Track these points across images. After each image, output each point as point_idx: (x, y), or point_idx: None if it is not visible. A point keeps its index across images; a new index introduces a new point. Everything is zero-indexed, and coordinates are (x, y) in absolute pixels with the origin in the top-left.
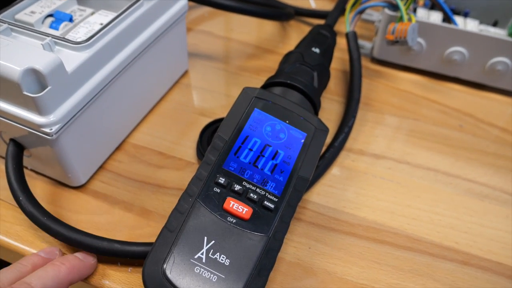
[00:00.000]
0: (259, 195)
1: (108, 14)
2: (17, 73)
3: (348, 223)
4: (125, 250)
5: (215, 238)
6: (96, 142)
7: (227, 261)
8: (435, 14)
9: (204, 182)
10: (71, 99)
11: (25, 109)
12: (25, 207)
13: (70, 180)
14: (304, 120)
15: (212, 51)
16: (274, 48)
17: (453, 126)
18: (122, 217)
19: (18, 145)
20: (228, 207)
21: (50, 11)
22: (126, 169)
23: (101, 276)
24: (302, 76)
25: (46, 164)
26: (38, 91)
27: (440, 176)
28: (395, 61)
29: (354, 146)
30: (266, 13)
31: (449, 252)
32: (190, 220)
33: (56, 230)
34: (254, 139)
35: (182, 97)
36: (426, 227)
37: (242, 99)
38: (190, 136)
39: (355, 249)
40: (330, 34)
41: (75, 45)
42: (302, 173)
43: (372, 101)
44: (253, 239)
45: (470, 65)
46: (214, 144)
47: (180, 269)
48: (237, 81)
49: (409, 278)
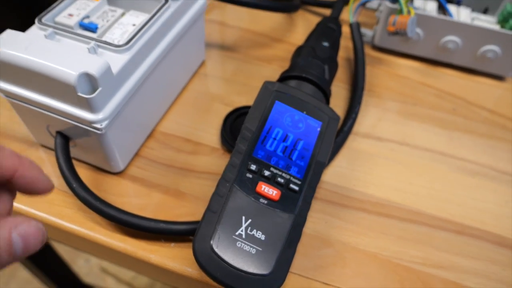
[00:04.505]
0: (285, 179)
1: (138, 14)
2: (73, 77)
3: (358, 199)
4: (169, 228)
5: (251, 217)
6: (133, 132)
7: (263, 236)
8: (431, 3)
9: (237, 169)
10: (116, 97)
11: (77, 107)
12: (79, 193)
13: (111, 167)
14: (319, 110)
15: (224, 40)
16: (282, 37)
17: (447, 109)
18: (159, 199)
19: (65, 137)
20: (260, 190)
21: (86, 13)
22: (158, 155)
23: (148, 251)
24: (315, 69)
25: (90, 153)
26: (90, 92)
27: (437, 156)
28: (394, 48)
29: (360, 130)
30: (277, 7)
31: (445, 223)
32: (229, 202)
33: (108, 213)
34: (277, 129)
35: (201, 86)
36: (425, 202)
37: (264, 92)
38: (212, 123)
39: (365, 222)
40: (337, 26)
41: (116, 48)
42: (320, 158)
43: (374, 87)
44: (282, 217)
45: (463, 52)
46: (243, 134)
47: (224, 244)
48: (251, 69)
49: (412, 246)
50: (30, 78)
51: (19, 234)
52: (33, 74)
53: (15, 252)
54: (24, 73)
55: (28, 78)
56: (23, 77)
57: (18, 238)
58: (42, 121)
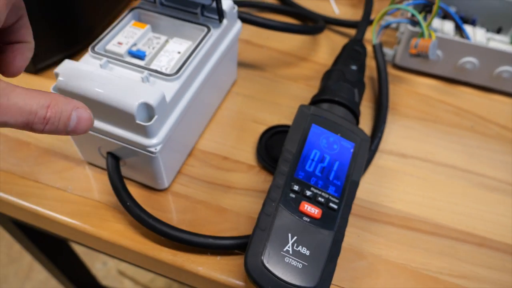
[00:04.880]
0: (324, 198)
1: (182, 42)
2: (134, 107)
3: (386, 214)
4: (217, 243)
5: (296, 234)
6: (178, 151)
7: (307, 252)
8: (448, 23)
9: (281, 189)
10: (168, 122)
11: (134, 133)
12: (133, 211)
13: (158, 184)
14: (351, 132)
15: (252, 59)
16: (307, 55)
17: (465, 126)
18: (203, 214)
19: (116, 157)
20: (303, 209)
21: (134, 41)
22: (199, 172)
23: (196, 264)
24: (346, 93)
25: (138, 172)
26: (147, 119)
27: (457, 172)
28: (414, 67)
29: (385, 147)
30: (305, 30)
31: (468, 236)
32: (276, 220)
33: (161, 229)
34: (315, 150)
35: (234, 105)
36: (448, 216)
37: (300, 115)
38: (247, 141)
39: (394, 236)
40: (362, 49)
41: (167, 77)
42: (354, 177)
43: (396, 105)
44: (324, 233)
45: (479, 72)
46: (284, 156)
47: (274, 260)
48: (280, 88)
49: (438, 258)
50: (89, 106)
51: (77, 115)
52: (94, 102)
53: (68, 126)
54: (84, 101)
55: (87, 106)
56: None
57: (75, 117)
58: (95, 143)
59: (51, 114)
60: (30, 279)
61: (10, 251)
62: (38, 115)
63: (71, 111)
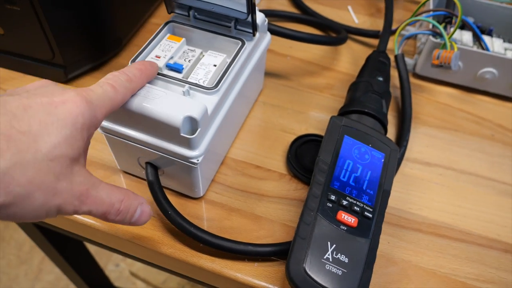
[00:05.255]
0: (359, 207)
1: (216, 55)
2: (179, 120)
3: (415, 221)
4: (256, 250)
5: (335, 242)
6: (214, 161)
7: (346, 259)
8: (466, 34)
9: (319, 199)
10: (208, 134)
11: (178, 145)
12: (174, 220)
13: (194, 193)
14: (381, 142)
15: (277, 69)
16: (329, 65)
17: (486, 135)
18: (239, 222)
19: (154, 167)
20: (340, 218)
21: (171, 54)
22: (232, 181)
23: (234, 270)
24: (374, 104)
25: (176, 181)
26: (190, 131)
27: (480, 180)
28: (434, 77)
29: (410, 156)
30: (329, 41)
31: (493, 242)
32: (315, 229)
33: (203, 237)
34: (348, 161)
35: (262, 114)
36: (473, 223)
37: (332, 127)
38: (276, 150)
39: (423, 242)
40: (387, 60)
41: (207, 90)
42: (386, 186)
43: (418, 114)
44: (360, 241)
45: (498, 81)
46: (320, 167)
47: (315, 267)
48: (305, 98)
49: (466, 263)
50: (134, 119)
51: (141, 209)
52: (140, 116)
53: (132, 218)
54: (128, 114)
55: (132, 119)
56: (127, 118)
57: (140, 211)
58: (135, 153)
59: (123, 207)
60: (40, 280)
61: (20, 252)
62: (114, 208)
63: (137, 205)
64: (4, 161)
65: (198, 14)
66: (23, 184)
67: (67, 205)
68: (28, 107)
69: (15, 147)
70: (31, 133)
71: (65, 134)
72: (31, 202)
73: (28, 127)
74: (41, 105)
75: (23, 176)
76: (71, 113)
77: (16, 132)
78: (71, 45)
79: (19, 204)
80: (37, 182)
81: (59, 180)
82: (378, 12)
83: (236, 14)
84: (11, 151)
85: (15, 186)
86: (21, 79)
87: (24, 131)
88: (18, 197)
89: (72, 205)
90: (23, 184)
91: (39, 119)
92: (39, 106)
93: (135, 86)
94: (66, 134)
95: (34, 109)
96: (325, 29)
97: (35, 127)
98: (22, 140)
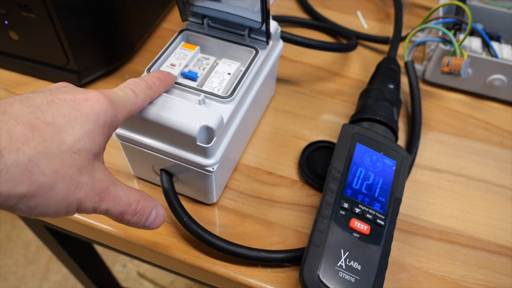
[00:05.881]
0: (372, 214)
1: (230, 63)
2: (195, 129)
3: (425, 228)
4: (270, 257)
5: (348, 250)
6: (227, 168)
7: (359, 267)
8: (475, 40)
9: (332, 206)
10: (223, 142)
11: (193, 153)
12: (190, 227)
13: (208, 199)
14: (393, 150)
15: (288, 74)
16: (339, 70)
17: (495, 141)
18: (251, 228)
19: (169, 174)
20: (353, 226)
21: (186, 63)
22: (245, 187)
23: (248, 276)
24: (385, 111)
25: (190, 187)
26: (206, 140)
27: (490, 186)
28: (444, 83)
29: (420, 162)
30: (341, 48)
31: (503, 249)
32: (329, 237)
33: (217, 244)
34: (360, 168)
35: (274, 121)
36: (483, 229)
37: (345, 135)
38: (288, 156)
39: (433, 249)
40: (397, 67)
41: (223, 99)
42: (397, 194)
43: (428, 120)
44: (373, 248)
45: (508, 88)
46: (332, 174)
47: (329, 274)
48: (316, 104)
49: (475, 270)
50: (151, 128)
51: (156, 212)
52: (156, 125)
53: (148, 220)
54: (145, 123)
55: (149, 128)
56: (144, 127)
57: (154, 213)
58: (150, 161)
59: (140, 208)
60: (47, 279)
61: (27, 252)
62: (132, 208)
63: (153, 207)
64: (29, 149)
65: (212, 22)
66: (48, 173)
67: (87, 201)
68: (52, 102)
69: (39, 137)
70: (56, 125)
71: (88, 128)
72: (54, 194)
73: (52, 119)
74: (65, 101)
75: (47, 166)
76: (94, 109)
77: (41, 123)
78: (85, 51)
79: (42, 195)
80: (61, 173)
81: (82, 173)
82: (387, 17)
83: (250, 23)
84: (36, 140)
85: (39, 175)
86: (35, 84)
87: (49, 122)
88: (42, 187)
89: (93, 201)
90: (48, 173)
91: (63, 112)
92: (63, 101)
93: (153, 94)
94: (89, 128)
95: (58, 104)
96: (335, 35)
97: (59, 119)
98: (47, 131)
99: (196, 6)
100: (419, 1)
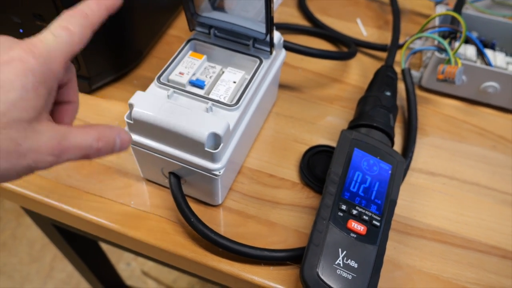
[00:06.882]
0: (368, 216)
1: (236, 71)
2: (204, 136)
3: (419, 228)
4: (272, 255)
5: (345, 249)
6: (232, 171)
7: (356, 265)
8: (470, 48)
9: (331, 208)
10: (229, 148)
11: (201, 158)
12: (197, 227)
13: (213, 200)
14: (389, 154)
15: (289, 81)
16: (339, 77)
17: (488, 146)
18: (254, 228)
19: (177, 176)
20: (350, 227)
21: (193, 71)
22: (249, 189)
23: (251, 273)
24: (382, 118)
25: (197, 189)
26: (213, 146)
27: (482, 189)
28: (439, 89)
29: (415, 166)
30: (342, 56)
31: (493, 249)
32: (328, 236)
33: (222, 243)
34: (357, 172)
35: (276, 125)
36: (475, 230)
37: (343, 140)
38: (289, 159)
39: (427, 248)
40: (394, 74)
41: (229, 107)
42: (393, 196)
43: (423, 125)
44: (369, 248)
45: (501, 95)
46: (331, 178)
47: (328, 272)
48: (316, 109)
49: (467, 269)
50: (161, 134)
51: (119, 140)
52: (166, 131)
53: (114, 149)
54: (156, 129)
55: (159, 134)
56: (155, 133)
57: (118, 142)
58: (159, 164)
59: (102, 144)
60: (52, 277)
61: (32, 250)
62: (92, 148)
63: (114, 136)
64: None
65: (218, 32)
66: None
67: (39, 163)
68: None
69: None
70: None
71: (14, 98)
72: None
73: None
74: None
75: None
76: (17, 74)
77: None
78: (96, 58)
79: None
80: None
81: (20, 144)
82: (386, 24)
83: (255, 34)
84: None
85: None
86: None
87: None
88: None
89: (46, 161)
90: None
91: None
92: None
93: (93, 21)
94: (15, 97)
95: None
96: (335, 42)
97: None
98: None
99: (203, 17)
100: (418, 9)
